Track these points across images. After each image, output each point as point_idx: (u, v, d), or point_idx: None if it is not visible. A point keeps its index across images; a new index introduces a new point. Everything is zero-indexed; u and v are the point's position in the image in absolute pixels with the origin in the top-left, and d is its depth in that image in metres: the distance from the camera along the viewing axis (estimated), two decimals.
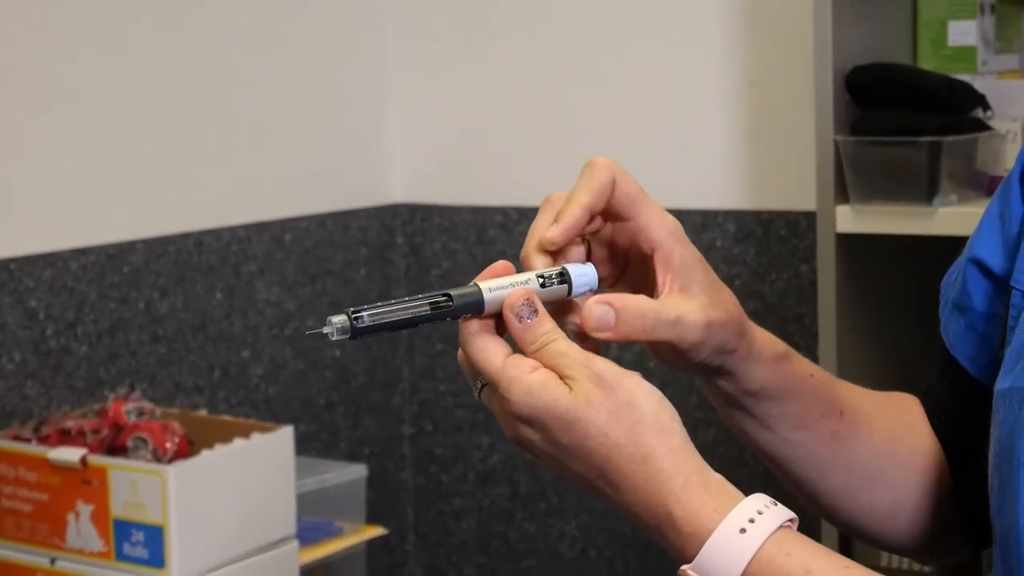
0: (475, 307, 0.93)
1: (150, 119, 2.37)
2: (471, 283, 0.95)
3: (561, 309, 0.97)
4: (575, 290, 0.97)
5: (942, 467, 1.15)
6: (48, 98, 2.23)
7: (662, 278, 0.98)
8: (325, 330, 0.90)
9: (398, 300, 0.93)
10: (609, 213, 0.99)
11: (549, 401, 0.90)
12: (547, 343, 0.92)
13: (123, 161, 2.33)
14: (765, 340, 1.04)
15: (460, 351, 0.96)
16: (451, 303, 0.93)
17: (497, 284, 0.95)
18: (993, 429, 1.01)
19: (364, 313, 0.91)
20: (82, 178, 2.27)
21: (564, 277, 0.96)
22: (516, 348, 0.95)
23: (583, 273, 0.97)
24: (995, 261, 1.08)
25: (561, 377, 0.91)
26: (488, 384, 0.94)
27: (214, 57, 2.48)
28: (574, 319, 0.97)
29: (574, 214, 0.96)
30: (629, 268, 1.02)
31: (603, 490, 0.92)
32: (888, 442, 1.13)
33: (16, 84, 2.18)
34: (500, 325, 0.95)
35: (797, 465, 1.10)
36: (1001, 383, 1.00)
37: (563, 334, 0.93)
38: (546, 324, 0.93)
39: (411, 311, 0.92)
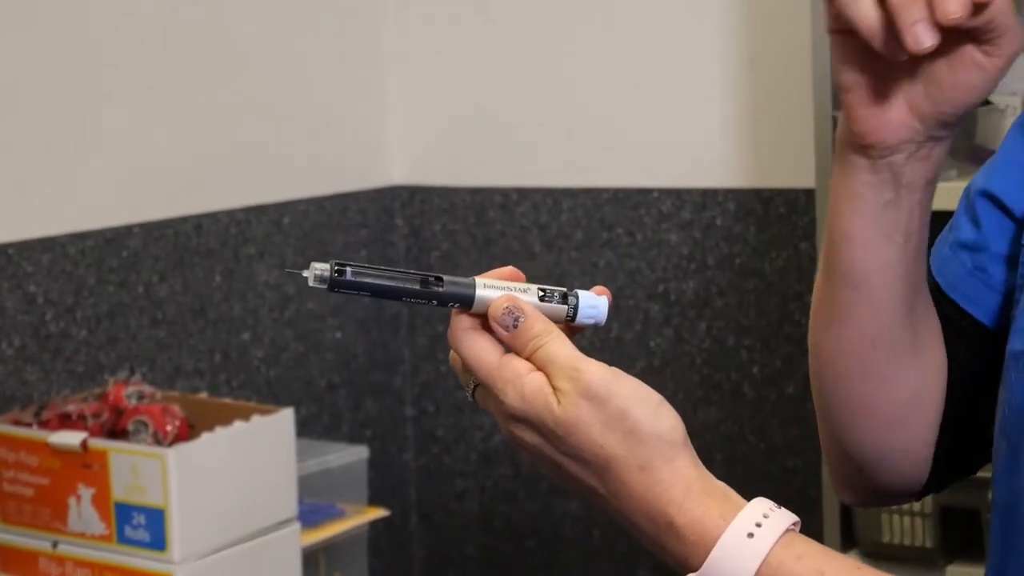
0: (465, 299, 0.89)
1: (147, 104, 2.37)
2: (470, 278, 0.91)
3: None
4: (579, 318, 0.92)
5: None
6: (45, 85, 2.22)
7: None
8: (304, 273, 0.87)
9: (392, 268, 0.89)
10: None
11: (543, 410, 0.88)
12: (537, 348, 0.89)
13: (120, 145, 2.33)
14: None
15: (452, 353, 0.92)
16: (441, 286, 0.89)
17: (494, 283, 0.90)
18: (1003, 392, 0.99)
19: (348, 268, 0.88)
20: (80, 163, 2.27)
21: (567, 299, 0.91)
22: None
23: (592, 305, 0.92)
24: (1014, 201, 1.06)
25: (552, 387, 0.88)
26: (480, 385, 0.91)
27: (212, 42, 2.47)
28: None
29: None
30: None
31: (604, 498, 0.89)
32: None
33: (14, 71, 2.18)
34: None
35: (885, 300, 1.02)
36: (1013, 344, 0.99)
37: (556, 333, 0.89)
38: (536, 326, 0.89)
39: (397, 280, 0.89)
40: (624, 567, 2.71)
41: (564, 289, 0.92)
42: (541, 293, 0.91)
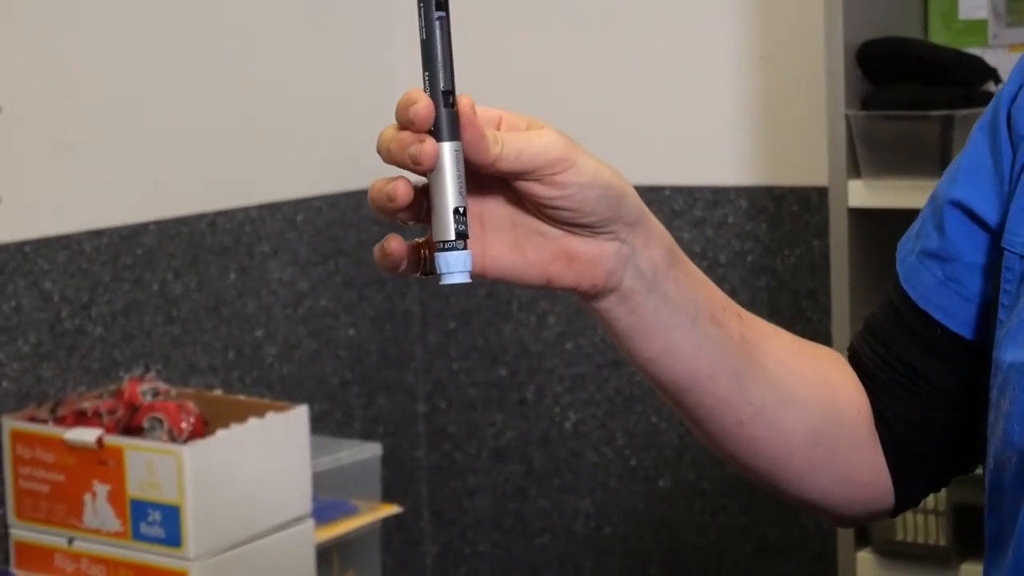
0: (443, 130, 0.91)
1: (162, 101, 2.37)
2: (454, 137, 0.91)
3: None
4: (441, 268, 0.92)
5: (863, 410, 1.09)
6: (60, 81, 2.23)
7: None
8: None
9: (450, 57, 0.91)
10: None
11: None
12: None
13: (136, 143, 2.33)
14: (657, 224, 0.99)
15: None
16: (450, 108, 0.91)
17: (458, 154, 0.92)
18: (1004, 404, 0.96)
19: (445, 12, 0.89)
20: (95, 160, 2.28)
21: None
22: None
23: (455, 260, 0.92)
24: (985, 209, 1.02)
25: None
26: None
27: (225, 39, 2.48)
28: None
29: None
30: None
31: None
32: (791, 357, 1.07)
33: (29, 67, 2.19)
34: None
35: (717, 383, 1.02)
36: (1012, 355, 0.95)
37: None
38: None
39: (443, 64, 0.92)
40: (636, 564, 2.71)
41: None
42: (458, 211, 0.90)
